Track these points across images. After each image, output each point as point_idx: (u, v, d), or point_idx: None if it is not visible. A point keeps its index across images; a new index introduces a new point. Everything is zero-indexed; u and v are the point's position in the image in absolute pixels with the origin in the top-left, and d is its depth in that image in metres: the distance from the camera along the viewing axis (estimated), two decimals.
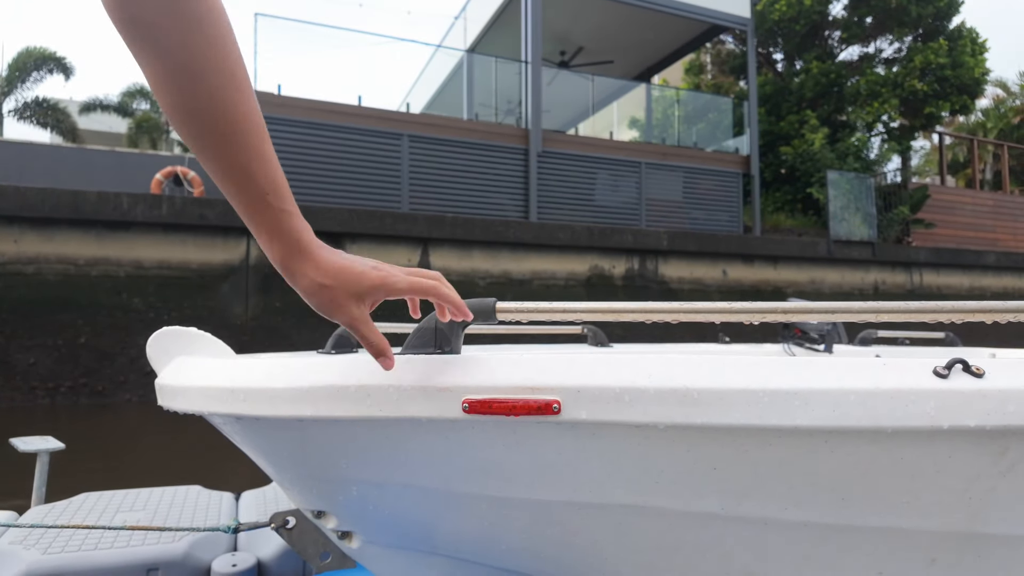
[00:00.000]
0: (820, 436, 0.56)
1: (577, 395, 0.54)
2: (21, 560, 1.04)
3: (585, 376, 0.55)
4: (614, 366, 0.56)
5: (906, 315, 0.69)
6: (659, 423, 0.55)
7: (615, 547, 0.66)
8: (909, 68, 11.59)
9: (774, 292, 8.62)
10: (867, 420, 0.55)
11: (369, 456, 0.63)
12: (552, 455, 0.58)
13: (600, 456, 0.59)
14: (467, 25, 10.90)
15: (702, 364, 0.57)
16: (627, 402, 0.54)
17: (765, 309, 0.64)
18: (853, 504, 0.61)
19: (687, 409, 0.54)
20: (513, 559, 0.70)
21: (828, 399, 0.55)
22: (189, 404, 0.62)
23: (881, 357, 1.71)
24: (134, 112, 15.60)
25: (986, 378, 0.58)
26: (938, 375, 0.58)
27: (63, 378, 5.35)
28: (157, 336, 0.69)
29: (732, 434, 0.56)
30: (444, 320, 0.61)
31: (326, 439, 0.62)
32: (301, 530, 0.85)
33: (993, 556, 0.66)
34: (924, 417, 0.55)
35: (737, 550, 0.65)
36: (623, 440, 0.57)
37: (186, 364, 0.66)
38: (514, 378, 0.56)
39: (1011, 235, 12.15)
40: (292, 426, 0.61)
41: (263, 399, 0.58)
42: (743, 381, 0.55)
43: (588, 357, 0.58)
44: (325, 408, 0.57)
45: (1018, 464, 0.60)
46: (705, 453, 0.58)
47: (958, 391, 0.56)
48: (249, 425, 0.63)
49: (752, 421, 0.54)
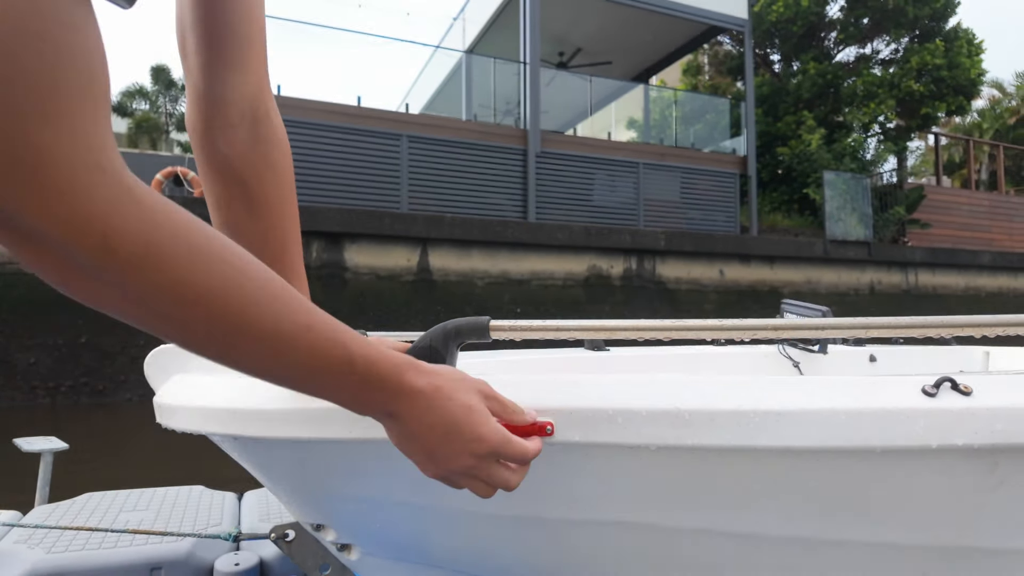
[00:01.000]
0: (810, 455, 0.57)
1: (570, 417, 0.55)
2: (25, 559, 1.04)
3: (578, 399, 0.56)
4: (607, 388, 0.57)
5: (896, 331, 0.70)
6: (651, 444, 0.55)
7: (609, 563, 0.67)
8: (905, 69, 11.62)
9: (771, 292, 8.65)
10: (856, 440, 0.56)
11: (366, 475, 0.64)
12: (545, 474, 0.58)
13: (593, 475, 0.59)
14: (466, 26, 10.90)
15: (693, 385, 0.58)
16: (620, 424, 0.55)
17: (756, 326, 0.65)
18: (843, 520, 0.62)
19: (678, 431, 0.55)
20: (509, 573, 0.71)
21: (817, 419, 0.56)
22: (187, 424, 0.63)
23: (875, 357, 1.71)
24: (133, 112, 15.57)
25: (974, 396, 0.59)
26: (926, 394, 0.58)
27: (64, 378, 5.35)
28: (155, 354, 0.69)
29: (723, 454, 0.57)
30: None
31: (323, 458, 0.63)
32: (301, 542, 0.85)
33: (983, 570, 0.67)
34: (913, 436, 0.56)
35: (728, 566, 0.65)
36: (616, 460, 0.58)
37: (184, 382, 0.66)
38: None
39: (1006, 235, 12.20)
40: (290, 445, 0.61)
41: (260, 420, 0.59)
42: (733, 402, 0.56)
43: (580, 378, 0.59)
44: (322, 429, 0.58)
45: (1007, 480, 0.61)
46: (697, 472, 0.59)
47: (946, 410, 0.57)
48: (247, 444, 0.64)
49: (743, 442, 0.55)
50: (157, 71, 15.80)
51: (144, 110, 15.70)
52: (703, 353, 1.59)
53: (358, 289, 6.48)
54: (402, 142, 7.68)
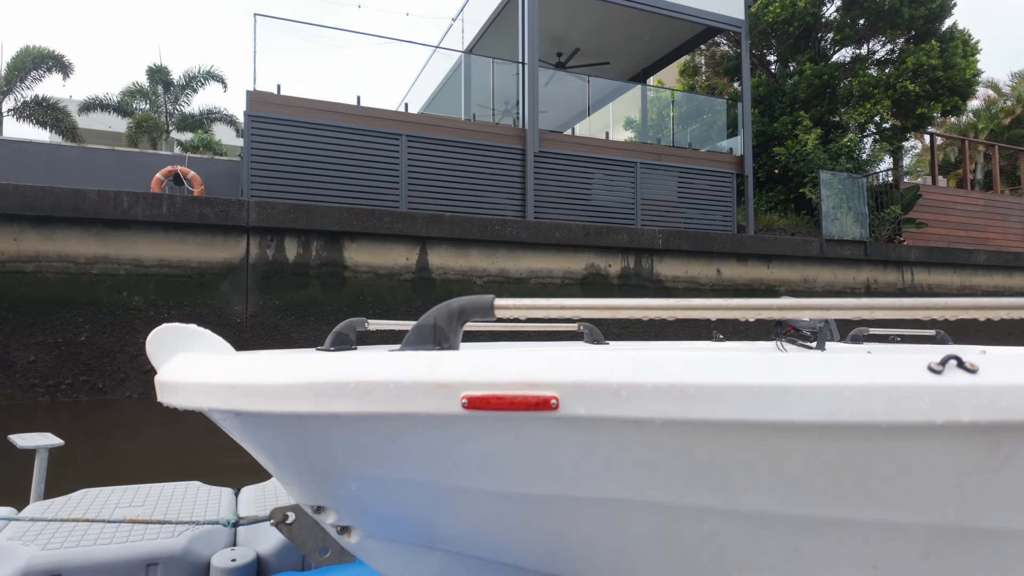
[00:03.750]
0: (815, 431, 0.57)
1: (575, 391, 0.55)
2: (20, 555, 1.03)
3: (583, 372, 0.55)
4: (612, 362, 0.57)
5: (899, 312, 0.70)
6: (656, 418, 0.55)
7: (611, 541, 0.66)
8: (901, 69, 11.66)
9: (767, 291, 8.67)
10: (862, 415, 0.55)
11: (368, 451, 0.63)
12: (550, 450, 0.58)
13: (597, 451, 0.59)
14: (465, 27, 10.90)
15: (699, 360, 0.57)
16: (624, 398, 0.55)
17: (760, 306, 0.65)
18: (847, 498, 0.62)
19: (684, 404, 0.55)
20: (510, 553, 0.71)
21: (823, 394, 0.55)
22: (189, 400, 0.62)
23: (872, 354, 1.72)
24: (134, 112, 15.51)
25: (980, 374, 0.58)
26: (932, 371, 0.58)
27: (63, 375, 5.32)
28: (157, 332, 0.69)
29: (728, 429, 0.56)
30: None
31: (325, 435, 0.62)
32: (300, 525, 0.85)
33: (986, 550, 0.67)
34: (918, 413, 0.56)
35: (732, 543, 0.65)
36: (620, 435, 0.57)
37: (186, 360, 0.66)
38: (513, 374, 0.57)
39: (1001, 234, 12.25)
40: (292, 422, 0.61)
41: (263, 395, 0.58)
42: (739, 377, 0.55)
43: (586, 353, 0.58)
44: (324, 404, 0.57)
45: (1011, 459, 0.61)
46: (701, 448, 0.58)
47: (952, 387, 0.57)
48: (249, 421, 0.63)
49: (748, 416, 0.55)
50: (154, 71, 15.75)
51: (144, 110, 15.64)
52: (702, 349, 1.59)
53: (357, 288, 6.47)
54: (401, 141, 7.67)
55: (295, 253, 6.23)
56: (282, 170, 7.06)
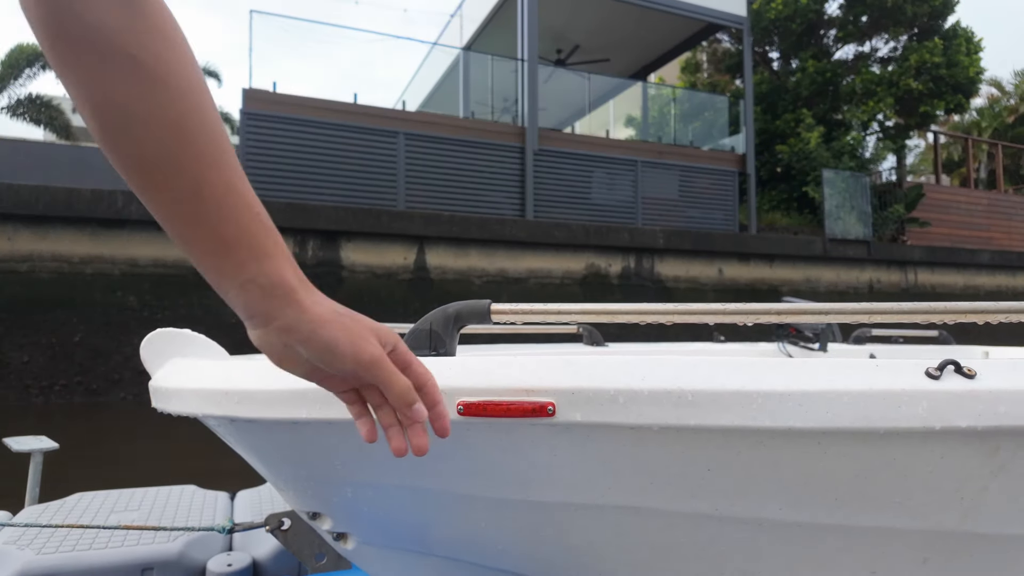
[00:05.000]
0: (813, 437, 0.57)
1: (572, 397, 0.54)
2: (15, 560, 1.03)
3: (580, 378, 0.55)
4: (609, 368, 0.56)
5: (899, 316, 0.69)
6: (654, 425, 0.55)
7: (610, 548, 0.66)
8: (904, 67, 11.62)
9: (770, 290, 8.65)
10: (860, 421, 0.55)
11: (364, 457, 0.63)
12: (547, 457, 0.58)
13: (595, 458, 0.59)
14: (463, 23, 10.87)
15: (696, 366, 0.57)
16: (622, 404, 0.54)
17: (758, 311, 0.65)
18: (846, 504, 0.61)
19: (681, 411, 0.54)
20: (508, 559, 0.71)
21: (821, 401, 0.55)
22: (183, 406, 0.62)
23: (875, 356, 1.72)
24: None
25: (977, 379, 0.58)
26: (930, 376, 0.58)
27: (57, 376, 5.32)
28: (151, 338, 0.69)
29: (726, 435, 0.56)
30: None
31: (321, 441, 0.62)
32: (296, 531, 0.84)
33: (984, 555, 0.67)
34: (916, 418, 0.56)
35: (731, 550, 0.65)
36: (618, 442, 0.57)
37: (180, 366, 0.66)
38: (509, 380, 0.56)
39: (1005, 234, 12.22)
40: (287, 428, 0.61)
41: (257, 401, 0.58)
42: (737, 383, 0.55)
43: (583, 359, 0.58)
44: (320, 410, 0.57)
45: (1009, 464, 0.60)
46: (699, 454, 0.58)
47: (950, 392, 0.57)
48: (243, 427, 0.63)
49: (746, 423, 0.54)
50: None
51: None
52: (703, 351, 1.59)
53: (355, 287, 6.46)
54: (399, 139, 7.66)
55: (291, 252, 6.23)
56: (278, 168, 7.05)
